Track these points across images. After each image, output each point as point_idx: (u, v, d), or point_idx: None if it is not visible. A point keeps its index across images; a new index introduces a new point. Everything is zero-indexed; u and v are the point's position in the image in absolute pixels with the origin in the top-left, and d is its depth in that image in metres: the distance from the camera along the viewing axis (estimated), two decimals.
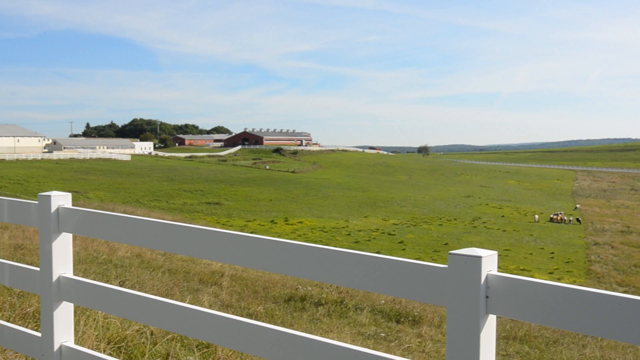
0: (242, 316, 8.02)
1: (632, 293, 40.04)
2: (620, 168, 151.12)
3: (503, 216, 72.65)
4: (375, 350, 6.68)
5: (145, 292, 8.40)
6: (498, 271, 2.22)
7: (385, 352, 6.77)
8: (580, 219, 71.87)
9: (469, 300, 2.16)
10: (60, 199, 3.53)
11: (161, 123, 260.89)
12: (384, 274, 2.45)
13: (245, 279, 12.81)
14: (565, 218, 71.13)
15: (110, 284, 8.98)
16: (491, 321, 2.22)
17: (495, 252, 2.25)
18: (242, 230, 37.19)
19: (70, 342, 3.56)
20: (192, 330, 3.12)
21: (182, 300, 7.97)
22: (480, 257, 2.14)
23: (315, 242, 49.14)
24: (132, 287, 8.56)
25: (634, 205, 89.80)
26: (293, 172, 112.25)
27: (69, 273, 3.56)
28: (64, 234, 3.54)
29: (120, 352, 4.72)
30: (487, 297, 2.17)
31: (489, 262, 2.19)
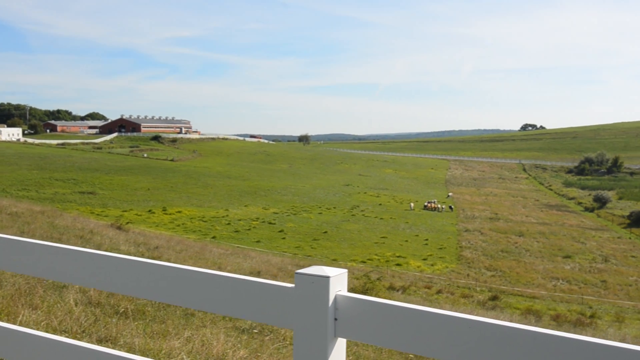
0: (110, 315, 7.67)
1: (499, 277, 42.27)
2: (489, 158, 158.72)
3: (380, 204, 74.55)
4: (245, 347, 6.51)
5: (4, 290, 7.84)
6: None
7: (259, 347, 6.67)
8: (452, 206, 75.03)
9: (316, 323, 2.04)
10: None
11: (31, 108, 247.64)
12: (224, 293, 2.27)
13: None
14: (439, 206, 74.01)
15: None
16: (340, 345, 2.09)
17: (345, 271, 2.12)
18: (117, 221, 35.76)
19: None
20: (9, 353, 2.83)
21: (45, 300, 7.52)
22: (328, 277, 2.01)
23: (194, 232, 48.47)
24: None
25: (502, 193, 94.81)
26: (172, 160, 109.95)
27: None
28: None
29: None
30: (335, 319, 2.04)
31: (338, 281, 2.07)
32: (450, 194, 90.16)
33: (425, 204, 75.28)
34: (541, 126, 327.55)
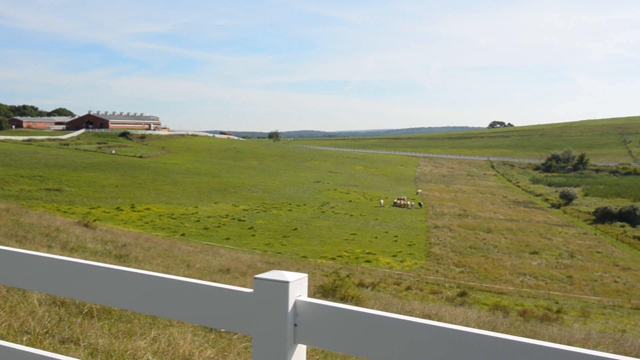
0: (75, 314, 7.53)
1: (467, 273, 42.63)
2: (458, 155, 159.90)
3: (350, 201, 74.68)
4: (212, 347, 6.44)
5: None
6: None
7: (226, 346, 6.61)
8: (421, 203, 75.45)
9: (275, 329, 2.00)
10: None
11: None
12: (182, 298, 2.21)
13: None
14: (408, 203, 74.33)
15: None
16: (300, 352, 2.06)
17: (305, 275, 2.09)
18: (84, 218, 35.25)
19: None
20: None
21: (7, 299, 7.36)
22: (287, 282, 1.99)
23: (163, 229, 48.07)
24: None
25: (470, 190, 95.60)
26: (141, 157, 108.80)
27: None
28: None
29: None
30: (295, 325, 2.01)
31: (298, 286, 2.04)
32: (419, 190, 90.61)
33: (395, 200, 75.58)
34: (509, 124, 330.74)
